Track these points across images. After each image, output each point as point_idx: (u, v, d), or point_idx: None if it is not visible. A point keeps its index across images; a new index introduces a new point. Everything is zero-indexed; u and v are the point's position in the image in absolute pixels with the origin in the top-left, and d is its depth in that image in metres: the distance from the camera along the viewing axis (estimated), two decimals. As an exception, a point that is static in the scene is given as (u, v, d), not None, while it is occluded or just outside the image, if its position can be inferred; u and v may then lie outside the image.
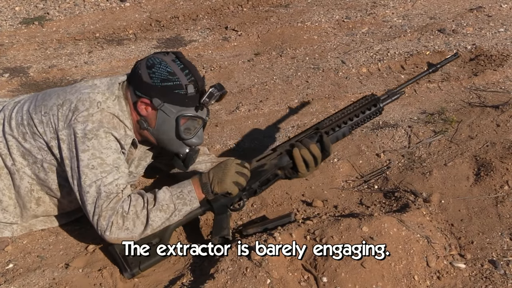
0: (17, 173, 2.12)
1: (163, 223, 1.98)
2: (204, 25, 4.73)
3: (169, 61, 2.05)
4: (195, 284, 1.88)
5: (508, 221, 2.03)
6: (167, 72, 2.03)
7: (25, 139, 2.09)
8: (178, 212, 2.00)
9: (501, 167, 2.26)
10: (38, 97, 2.16)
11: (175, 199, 2.00)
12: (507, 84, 3.06)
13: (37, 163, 2.09)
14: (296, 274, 1.82)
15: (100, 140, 1.98)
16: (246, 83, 3.61)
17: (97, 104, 2.02)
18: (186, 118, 2.09)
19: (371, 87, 3.32)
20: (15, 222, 2.21)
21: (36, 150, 2.08)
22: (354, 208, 2.25)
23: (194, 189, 2.03)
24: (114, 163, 1.99)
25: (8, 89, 3.77)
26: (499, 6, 4.20)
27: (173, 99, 2.05)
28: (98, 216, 1.95)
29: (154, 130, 2.12)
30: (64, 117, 2.02)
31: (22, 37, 4.66)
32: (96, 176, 1.95)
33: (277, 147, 2.15)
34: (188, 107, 2.08)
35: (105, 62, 4.13)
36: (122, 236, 1.95)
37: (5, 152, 2.12)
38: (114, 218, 1.93)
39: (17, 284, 1.97)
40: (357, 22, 4.36)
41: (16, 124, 2.11)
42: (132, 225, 1.95)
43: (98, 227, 1.96)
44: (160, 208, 1.97)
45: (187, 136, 2.12)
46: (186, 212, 2.01)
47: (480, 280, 1.80)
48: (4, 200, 2.16)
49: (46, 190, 2.16)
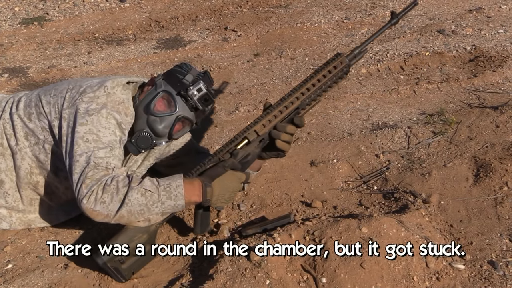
0: (19, 153, 2.13)
1: (142, 209, 1.86)
2: (203, 25, 4.73)
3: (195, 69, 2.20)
4: (194, 284, 1.88)
5: (507, 222, 2.04)
6: (187, 66, 2.18)
7: (30, 119, 2.11)
8: (161, 204, 1.88)
9: (500, 168, 2.26)
10: (49, 86, 2.22)
11: (161, 189, 1.89)
12: (506, 85, 3.06)
13: (39, 143, 2.11)
14: (295, 274, 1.82)
15: (100, 118, 1.98)
16: (245, 83, 3.61)
17: (104, 88, 2.06)
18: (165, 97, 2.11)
19: (370, 88, 3.32)
20: (15, 207, 2.21)
21: (40, 130, 2.09)
22: (353, 209, 2.25)
23: (182, 186, 1.90)
24: (110, 143, 1.96)
25: (7, 89, 3.77)
26: (499, 7, 4.20)
27: (169, 78, 2.14)
28: (81, 183, 1.88)
29: (139, 101, 2.13)
30: (71, 98, 2.06)
31: (22, 37, 4.66)
32: (88, 148, 1.93)
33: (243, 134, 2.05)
34: (175, 89, 2.12)
35: (104, 62, 4.12)
36: (98, 208, 1.85)
37: (10, 133, 2.14)
38: (95, 188, 1.86)
39: (16, 284, 1.97)
40: (357, 23, 4.36)
41: (24, 105, 2.15)
42: (109, 199, 1.85)
43: (78, 194, 1.88)
44: (143, 192, 1.86)
45: (155, 113, 2.09)
46: (169, 207, 1.89)
47: (479, 281, 1.80)
48: (7, 182, 2.17)
49: (44, 174, 2.16)
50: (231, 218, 2.27)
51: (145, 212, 1.87)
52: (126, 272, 1.96)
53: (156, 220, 1.92)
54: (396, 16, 2.15)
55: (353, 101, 3.19)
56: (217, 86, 3.59)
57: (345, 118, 3.00)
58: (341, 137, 2.78)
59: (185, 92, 2.09)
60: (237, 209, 2.32)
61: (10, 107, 2.20)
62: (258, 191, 2.41)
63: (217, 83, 3.66)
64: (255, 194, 2.40)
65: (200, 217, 2.04)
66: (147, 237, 1.97)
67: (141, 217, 1.88)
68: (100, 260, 1.92)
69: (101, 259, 1.92)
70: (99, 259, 1.93)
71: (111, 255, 1.92)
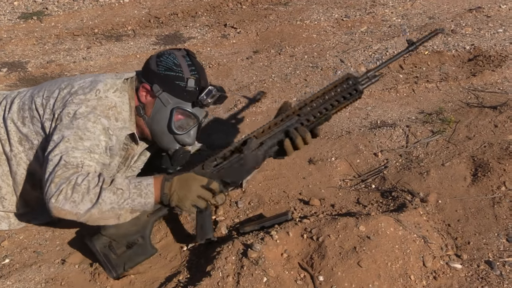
0: (14, 159, 2.13)
1: (113, 207, 1.87)
2: (203, 22, 4.73)
3: (179, 55, 2.12)
4: (192, 281, 1.88)
5: (505, 222, 2.04)
6: (173, 63, 2.09)
7: (24, 123, 2.10)
8: (131, 201, 1.88)
9: (498, 167, 2.26)
10: (42, 85, 2.20)
11: (132, 187, 1.89)
12: (505, 85, 3.06)
13: (33, 148, 2.10)
14: (292, 272, 1.82)
15: (86, 122, 1.98)
16: (244, 80, 3.61)
17: (96, 91, 2.05)
18: (181, 113, 2.10)
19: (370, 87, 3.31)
20: (12, 211, 2.20)
21: (34, 135, 2.08)
22: (351, 207, 2.25)
23: (153, 184, 1.91)
24: (90, 147, 1.95)
25: (6, 84, 3.76)
26: (498, 7, 4.20)
27: (172, 89, 2.08)
28: (50, 182, 1.87)
29: (149, 119, 2.12)
30: (62, 98, 2.05)
31: (21, 32, 4.65)
32: (66, 148, 1.92)
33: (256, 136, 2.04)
34: (185, 101, 2.10)
35: (103, 58, 4.12)
36: (66, 207, 1.84)
37: (4, 138, 2.13)
38: (64, 187, 1.84)
39: (13, 279, 1.97)
40: (356, 21, 4.35)
41: (18, 108, 2.13)
42: (80, 199, 1.84)
43: (47, 194, 1.86)
44: (114, 191, 1.86)
45: (179, 131, 2.11)
46: (139, 204, 1.89)
47: (476, 281, 1.80)
48: (3, 187, 2.17)
49: (40, 177, 2.15)
50: (229, 215, 2.27)
51: (115, 209, 1.88)
52: (115, 262, 1.95)
53: (125, 218, 1.91)
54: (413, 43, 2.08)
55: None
56: (216, 82, 3.59)
57: (344, 116, 3.00)
58: (339, 135, 2.78)
59: (198, 101, 2.08)
60: (235, 206, 2.32)
61: (3, 110, 2.17)
62: (256, 189, 2.41)
63: (216, 80, 3.66)
64: (253, 192, 2.40)
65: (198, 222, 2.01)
66: (137, 228, 1.96)
67: (111, 214, 1.88)
68: (92, 245, 1.95)
69: (92, 244, 1.95)
70: (91, 244, 1.96)
71: (102, 240, 1.94)
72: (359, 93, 2.03)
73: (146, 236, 1.98)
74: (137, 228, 1.96)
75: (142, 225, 1.97)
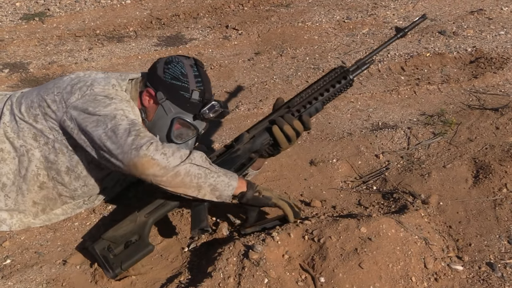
0: (26, 155, 2.13)
1: (199, 174, 1.86)
2: (204, 23, 4.73)
3: (187, 64, 2.12)
4: (193, 282, 1.88)
5: (506, 224, 2.04)
6: (180, 72, 2.10)
7: (37, 120, 2.11)
8: (217, 176, 1.89)
9: (500, 169, 2.26)
10: (48, 83, 2.21)
11: (218, 168, 1.93)
12: (507, 87, 3.06)
13: (49, 143, 2.11)
14: (293, 273, 1.82)
15: (120, 101, 2.01)
16: (246, 82, 3.61)
17: (112, 85, 2.09)
18: (181, 123, 2.12)
19: (370, 88, 3.32)
20: (16, 209, 2.20)
21: (48, 130, 2.10)
22: (352, 209, 2.25)
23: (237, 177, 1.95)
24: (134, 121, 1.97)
25: (7, 85, 3.76)
26: (500, 9, 4.20)
27: (176, 99, 2.10)
28: (135, 137, 1.86)
29: (149, 123, 2.14)
30: (78, 89, 2.05)
31: (23, 32, 4.66)
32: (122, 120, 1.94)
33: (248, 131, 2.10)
34: (187, 112, 2.12)
35: (105, 59, 4.12)
36: (157, 157, 1.82)
37: (12, 136, 2.13)
38: (154, 141, 1.86)
39: (14, 280, 1.97)
40: (358, 23, 4.35)
41: (26, 107, 2.13)
42: (170, 153, 1.84)
43: (133, 145, 1.84)
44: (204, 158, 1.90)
45: (177, 141, 2.13)
46: (222, 183, 1.89)
47: (478, 283, 1.80)
48: (8, 185, 2.16)
49: (53, 174, 2.15)
50: (230, 216, 2.27)
51: (201, 177, 1.87)
52: (113, 262, 1.95)
53: (205, 193, 1.90)
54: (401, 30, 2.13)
55: (353, 101, 3.19)
56: (218, 84, 3.60)
57: (345, 118, 3.00)
58: (341, 137, 2.78)
59: (200, 114, 2.10)
60: (236, 207, 2.32)
61: (9, 109, 2.17)
62: (258, 190, 2.41)
63: (218, 81, 3.66)
64: (254, 193, 2.39)
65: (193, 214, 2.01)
66: (134, 226, 1.98)
67: (194, 182, 1.87)
68: (92, 249, 1.98)
69: (92, 248, 1.98)
70: (91, 248, 1.98)
71: (102, 243, 1.97)
72: (348, 81, 2.09)
73: (144, 235, 1.99)
74: (135, 229, 1.99)
75: (140, 225, 1.99)
